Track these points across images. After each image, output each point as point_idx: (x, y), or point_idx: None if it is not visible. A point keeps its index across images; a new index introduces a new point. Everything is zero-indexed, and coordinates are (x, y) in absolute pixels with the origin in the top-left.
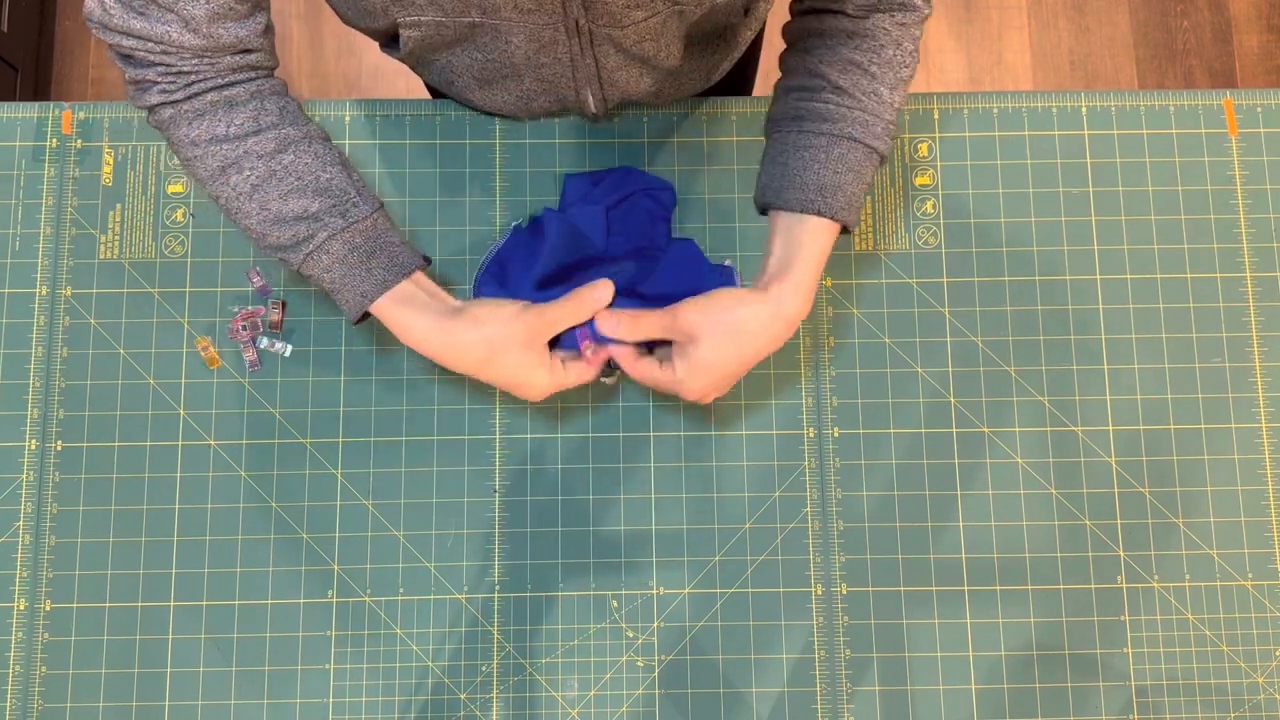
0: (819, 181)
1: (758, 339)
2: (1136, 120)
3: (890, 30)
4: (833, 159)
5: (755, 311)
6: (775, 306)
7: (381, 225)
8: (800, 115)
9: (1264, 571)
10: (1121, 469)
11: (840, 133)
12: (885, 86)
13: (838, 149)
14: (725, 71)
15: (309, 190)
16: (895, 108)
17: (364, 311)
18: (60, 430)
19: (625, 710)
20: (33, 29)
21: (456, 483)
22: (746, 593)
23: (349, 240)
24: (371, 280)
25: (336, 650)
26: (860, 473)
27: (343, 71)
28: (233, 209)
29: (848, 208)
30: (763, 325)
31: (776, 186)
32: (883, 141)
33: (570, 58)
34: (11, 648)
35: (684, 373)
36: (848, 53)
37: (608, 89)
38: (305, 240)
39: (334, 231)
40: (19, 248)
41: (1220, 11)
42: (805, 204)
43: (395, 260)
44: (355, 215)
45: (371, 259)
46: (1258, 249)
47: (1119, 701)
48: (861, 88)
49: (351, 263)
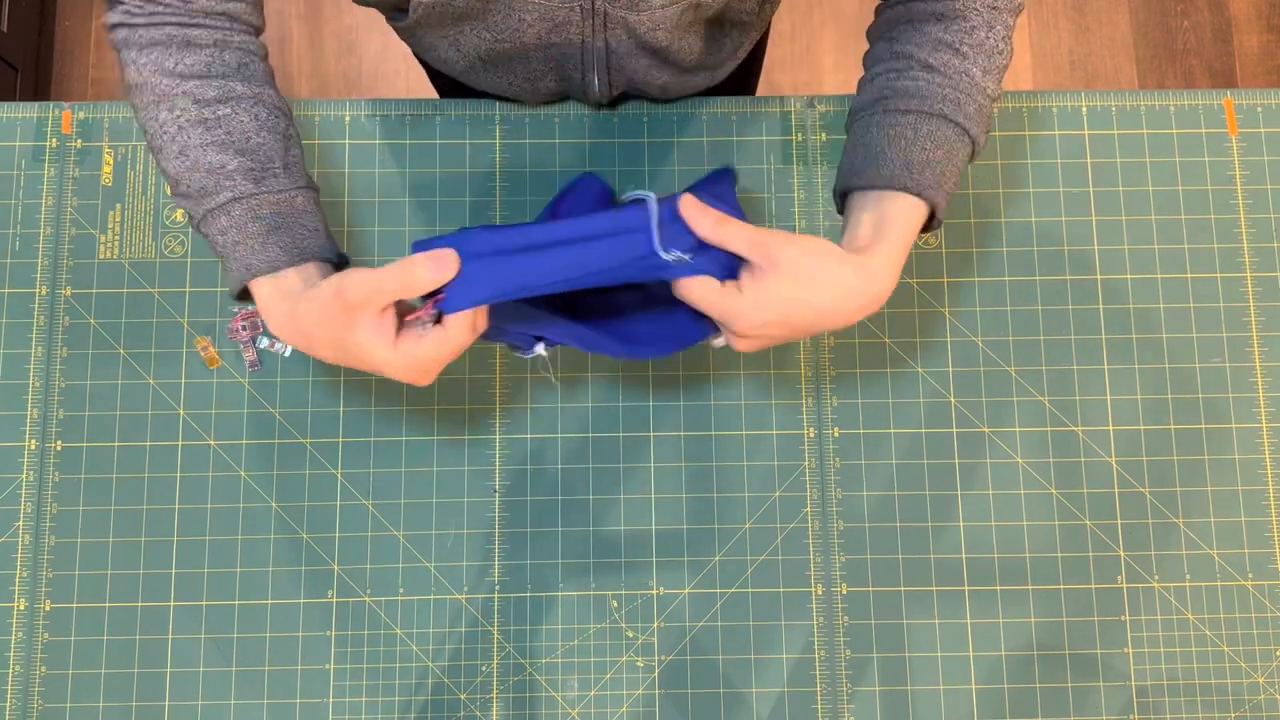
0: (906, 157)
1: (839, 301)
2: (1136, 120)
3: (982, 12)
4: (921, 135)
5: (848, 273)
6: (869, 279)
7: (300, 205)
8: (884, 95)
9: (1264, 571)
10: (1121, 469)
11: (930, 109)
12: (978, 69)
13: (927, 125)
14: (730, 70)
15: (232, 148)
16: (990, 94)
17: (243, 287)
18: (60, 430)
19: (625, 710)
20: (33, 29)
21: (456, 483)
22: (746, 593)
23: (253, 208)
24: (262, 255)
25: (336, 650)
26: (860, 473)
27: (343, 71)
28: (155, 146)
29: (936, 186)
30: (852, 291)
31: (858, 167)
32: (974, 123)
33: (582, 39)
34: (11, 648)
35: (750, 297)
36: (937, 33)
37: (614, 75)
38: (209, 194)
39: (240, 195)
40: (19, 248)
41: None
42: (890, 179)
43: (298, 244)
44: (270, 186)
45: (271, 235)
46: (1258, 249)
47: (1119, 701)
48: (953, 67)
49: (249, 232)
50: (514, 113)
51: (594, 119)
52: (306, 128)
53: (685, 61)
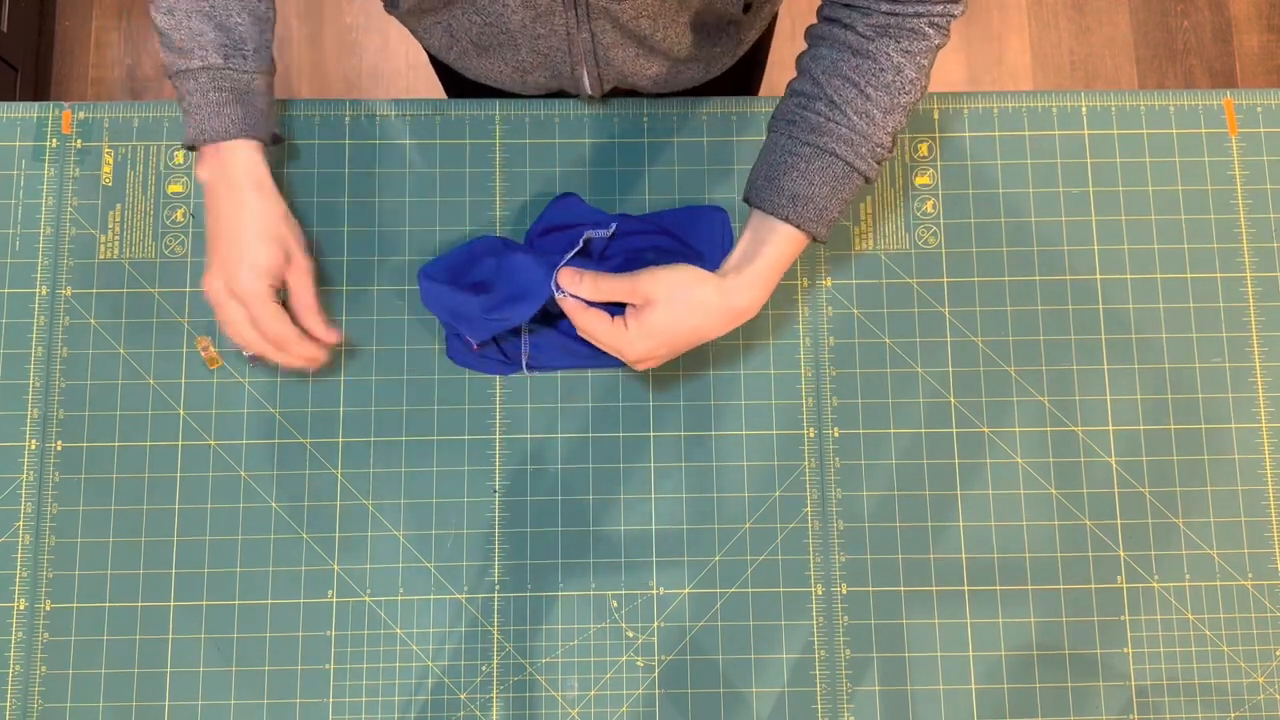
0: (793, 189)
1: (705, 320)
2: (1136, 120)
3: (893, 56)
4: (812, 170)
5: (709, 294)
6: (726, 297)
7: (256, 86)
8: (793, 120)
9: (1264, 571)
10: (1121, 469)
11: (824, 146)
12: (879, 109)
13: (819, 161)
14: (726, 66)
15: (213, 19)
16: (889, 131)
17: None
18: (60, 430)
19: (625, 710)
20: (33, 29)
21: (456, 483)
22: (746, 593)
23: (216, 80)
24: (217, 121)
25: (336, 650)
26: (860, 473)
27: (343, 71)
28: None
29: (817, 220)
30: (712, 309)
31: (758, 185)
32: (866, 163)
33: (566, 30)
34: (11, 648)
35: (634, 331)
36: (848, 70)
37: (604, 68)
38: (184, 55)
39: (207, 64)
40: (19, 248)
41: (1220, 11)
42: (777, 208)
43: (248, 120)
44: (236, 65)
45: (225, 107)
46: (1258, 249)
47: (1119, 701)
48: (855, 106)
49: (209, 100)
50: (514, 113)
51: (594, 119)
52: (306, 127)
53: (674, 52)
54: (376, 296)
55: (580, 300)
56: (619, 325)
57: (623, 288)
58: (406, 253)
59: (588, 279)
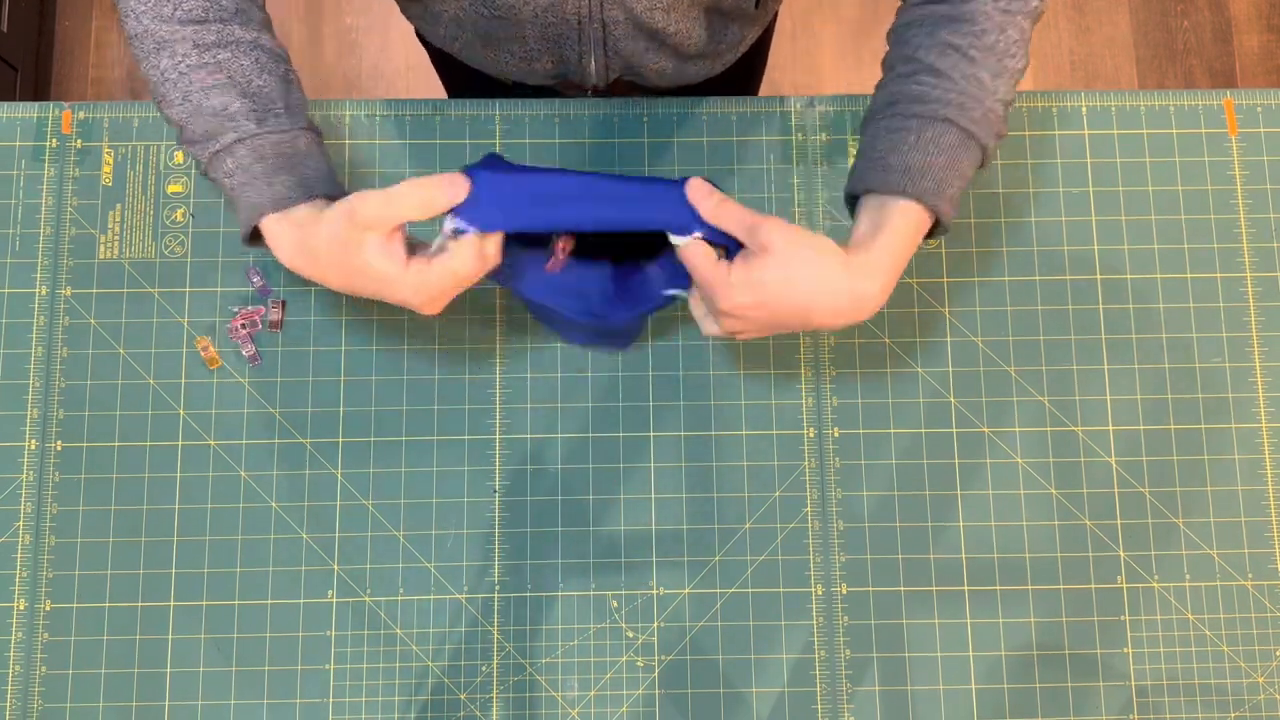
0: (906, 162)
1: (822, 296)
2: (1136, 120)
3: (993, 15)
4: (924, 140)
5: (836, 267)
6: (853, 278)
7: (302, 145)
8: (893, 100)
9: (1264, 571)
10: (1121, 469)
11: (933, 114)
12: (987, 72)
13: (930, 130)
14: (729, 63)
15: (234, 90)
16: (1000, 98)
17: (253, 228)
18: (60, 430)
19: (625, 710)
20: (33, 29)
21: (456, 483)
22: (746, 593)
23: (257, 148)
24: (268, 194)
25: (336, 650)
26: (860, 473)
27: (343, 71)
28: (159, 94)
29: (936, 192)
30: (834, 287)
31: (861, 172)
32: (982, 128)
33: (578, 19)
34: (11, 648)
35: (737, 275)
36: (946, 35)
37: (611, 57)
38: (214, 137)
39: (244, 135)
40: (19, 248)
41: (1220, 11)
42: (889, 184)
43: (303, 182)
44: (273, 125)
45: (276, 174)
46: (1258, 249)
47: (1119, 701)
48: (960, 70)
49: (254, 172)
50: (514, 113)
51: (594, 119)
52: None
53: (684, 47)
54: None
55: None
56: (723, 266)
57: (747, 222)
58: None
59: (717, 197)
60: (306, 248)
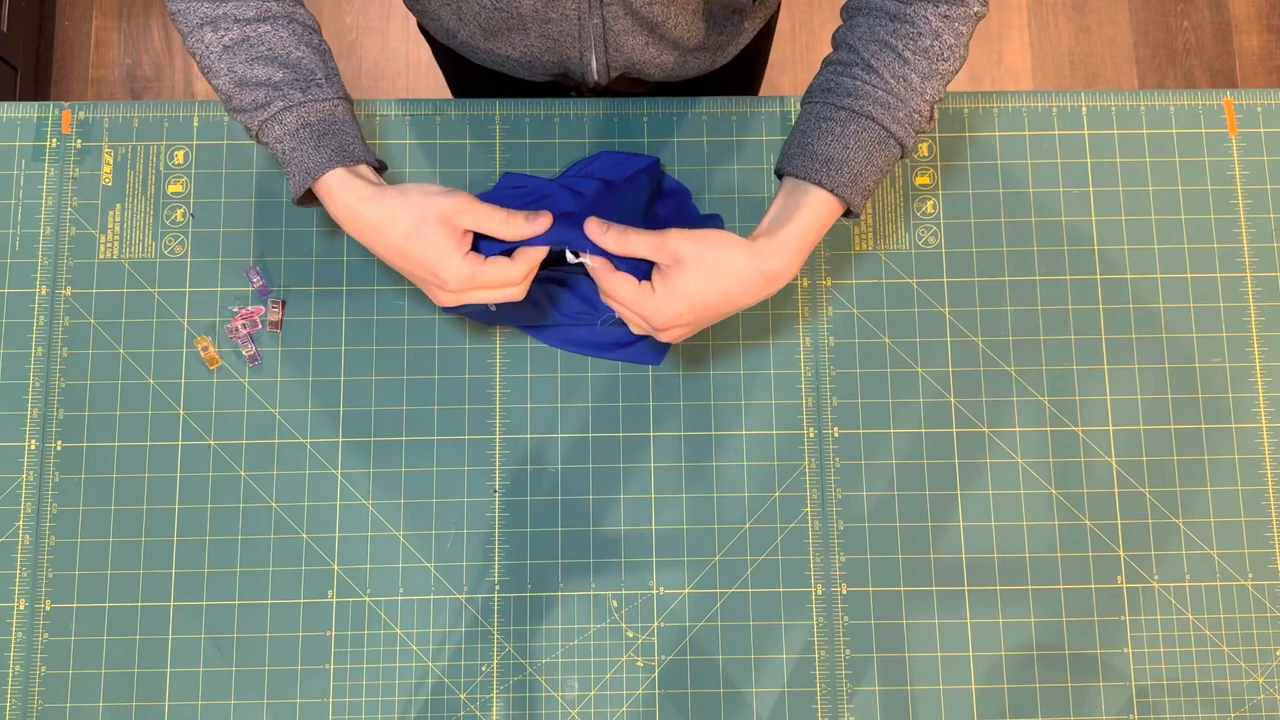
0: (827, 153)
1: (737, 283)
2: (1136, 120)
3: (931, 20)
4: (847, 134)
5: (739, 256)
6: (759, 260)
7: (340, 113)
8: (828, 88)
9: (1264, 571)
10: (1121, 469)
11: (859, 109)
12: (917, 75)
13: (854, 125)
14: (730, 56)
15: (276, 61)
16: (927, 99)
17: (306, 190)
18: (60, 430)
19: (625, 710)
20: (33, 29)
21: (456, 483)
22: (746, 593)
23: (303, 116)
24: (318, 158)
25: (336, 650)
26: (860, 473)
27: (343, 71)
28: (205, 66)
29: (851, 185)
30: (744, 272)
31: (790, 152)
32: (903, 128)
33: (578, 15)
34: (11, 648)
35: (661, 294)
36: (884, 34)
37: (612, 54)
38: (263, 107)
39: (291, 104)
40: (19, 248)
41: (1220, 11)
42: (809, 172)
43: (345, 148)
44: (316, 94)
45: (322, 139)
46: (1258, 249)
47: (1119, 701)
48: (892, 70)
49: (302, 137)
50: (514, 112)
51: (594, 119)
52: None
53: (684, 41)
54: (376, 296)
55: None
56: (645, 288)
57: (652, 242)
58: None
59: (613, 231)
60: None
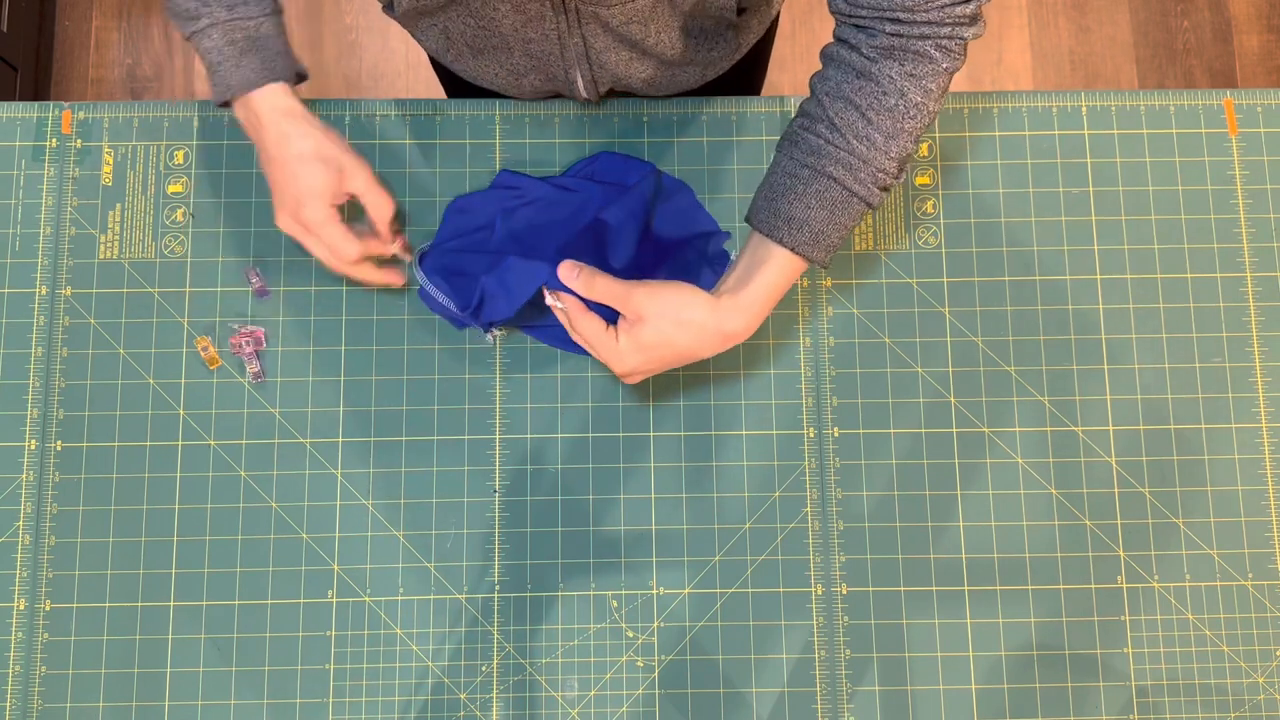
0: (789, 212)
1: (697, 340)
2: (1136, 120)
3: (896, 79)
4: (810, 194)
5: (702, 315)
6: (718, 319)
7: (266, 29)
8: (795, 141)
9: (1264, 571)
10: (1121, 469)
11: (822, 169)
12: (880, 134)
13: (816, 185)
14: (724, 69)
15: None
16: (892, 157)
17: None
18: (60, 430)
19: (625, 710)
20: (33, 29)
21: (456, 483)
22: (746, 593)
23: (228, 33)
24: (239, 75)
25: (336, 650)
26: (860, 473)
27: (343, 71)
28: None
29: (813, 244)
30: (705, 331)
31: (759, 204)
32: (866, 188)
33: (558, 35)
34: (11, 648)
35: (625, 343)
36: (850, 92)
37: (597, 71)
38: (192, 19)
39: (215, 21)
40: (19, 248)
41: (1220, 11)
42: (773, 230)
43: (268, 64)
44: (241, 13)
45: (244, 56)
46: (1258, 249)
47: (1119, 701)
48: (855, 130)
49: (226, 54)
50: (514, 112)
51: (594, 119)
52: None
53: (667, 55)
54: (376, 296)
55: (577, 300)
56: (611, 335)
57: (617, 293)
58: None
59: (584, 275)
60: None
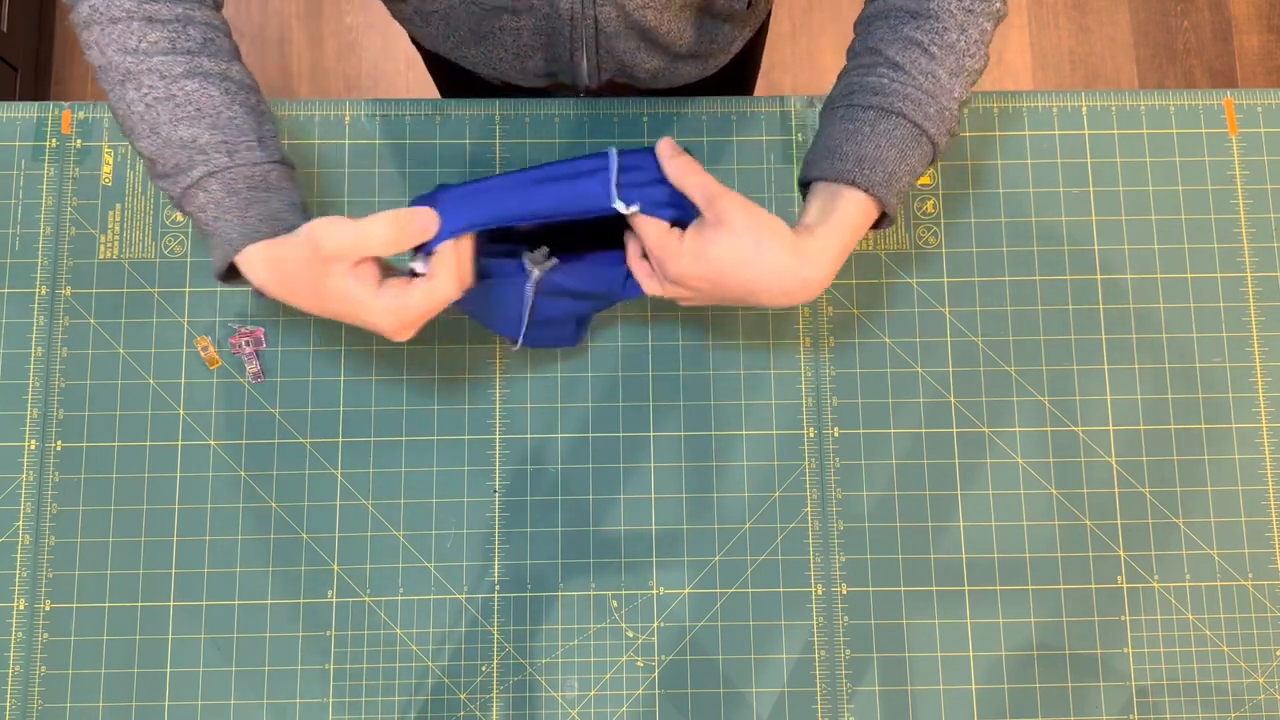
0: (859, 153)
1: (767, 275)
2: (1137, 120)
3: (956, 14)
4: (877, 132)
5: (781, 248)
6: (800, 262)
7: (274, 180)
8: (851, 90)
9: (1264, 571)
10: (1121, 469)
11: (889, 106)
12: (945, 70)
13: (884, 123)
14: (721, 64)
15: (204, 122)
16: (956, 97)
17: (229, 265)
18: (60, 430)
19: (625, 710)
20: (33, 29)
21: (456, 483)
22: (746, 593)
23: (229, 182)
24: (241, 230)
25: (336, 650)
26: (860, 473)
27: (343, 71)
28: (127, 128)
29: (886, 184)
30: (783, 271)
31: (815, 159)
32: (934, 124)
33: (571, 13)
34: (11, 648)
35: (689, 245)
36: (908, 31)
37: (603, 56)
38: (184, 171)
39: (215, 169)
40: (19, 248)
41: (1220, 11)
42: (841, 173)
43: (275, 216)
44: (245, 159)
45: (249, 208)
46: (1258, 249)
47: (1119, 701)
48: (919, 66)
49: (226, 206)
50: (514, 112)
51: (594, 119)
52: (306, 128)
53: (675, 46)
54: None
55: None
56: (674, 234)
57: (704, 189)
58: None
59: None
60: (280, 273)
